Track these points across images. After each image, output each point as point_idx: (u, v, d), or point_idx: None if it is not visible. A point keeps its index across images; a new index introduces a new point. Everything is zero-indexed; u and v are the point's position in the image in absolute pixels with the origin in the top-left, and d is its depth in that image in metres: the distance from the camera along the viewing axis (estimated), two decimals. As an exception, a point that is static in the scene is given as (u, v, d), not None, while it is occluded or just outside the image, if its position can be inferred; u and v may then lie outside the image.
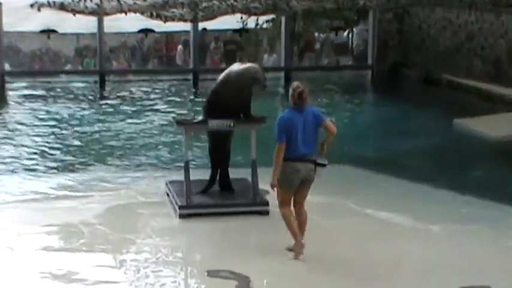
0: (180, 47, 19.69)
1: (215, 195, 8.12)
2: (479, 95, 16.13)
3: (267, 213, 7.64)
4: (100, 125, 13.37)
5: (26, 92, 16.64)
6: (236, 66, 7.79)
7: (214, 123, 7.80)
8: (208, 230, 7.48)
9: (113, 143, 12.00)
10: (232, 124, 7.76)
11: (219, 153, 8.18)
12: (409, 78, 18.97)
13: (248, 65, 7.78)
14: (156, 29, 19.41)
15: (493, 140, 11.98)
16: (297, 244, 6.55)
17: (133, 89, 17.44)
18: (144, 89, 17.48)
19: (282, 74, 18.85)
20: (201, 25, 18.32)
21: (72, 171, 10.03)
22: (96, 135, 12.53)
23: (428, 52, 19.30)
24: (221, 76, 7.84)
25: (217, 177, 8.24)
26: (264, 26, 20.85)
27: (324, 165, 6.50)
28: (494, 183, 9.42)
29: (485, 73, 17.37)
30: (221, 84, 7.79)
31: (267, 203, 7.70)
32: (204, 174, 8.45)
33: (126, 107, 15.25)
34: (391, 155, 11.18)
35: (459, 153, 11.36)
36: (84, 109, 15.00)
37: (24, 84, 17.34)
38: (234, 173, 8.43)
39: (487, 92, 16.00)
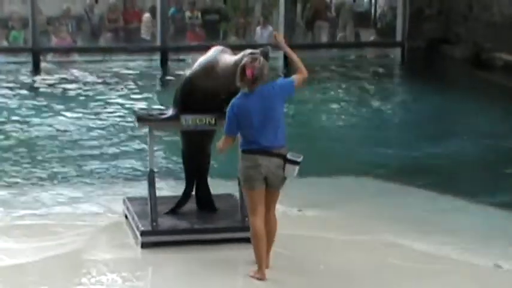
0: (147, 15, 19.67)
1: (190, 217, 8.07)
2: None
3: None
4: (31, 122, 13.33)
5: None
6: (226, 55, 7.69)
7: (189, 120, 7.75)
8: (181, 264, 7.43)
9: (50, 146, 11.97)
10: (213, 121, 7.72)
11: (196, 160, 8.16)
12: (452, 59, 19.03)
13: (242, 54, 7.60)
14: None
15: None
16: (259, 272, 6.90)
17: (78, 73, 17.38)
18: (93, 73, 17.44)
19: (281, 53, 18.80)
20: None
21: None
22: (25, 136, 12.50)
23: (478, 24, 19.35)
24: (202, 61, 7.76)
25: (193, 192, 8.22)
26: (257, -12, 20.93)
27: (295, 162, 6.80)
28: None
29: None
30: (201, 73, 7.73)
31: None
32: (176, 188, 8.38)
33: (67, 98, 15.20)
34: (430, 162, 11.23)
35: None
36: (9, 100, 14.92)
37: None
38: (216, 187, 8.35)
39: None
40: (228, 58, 7.66)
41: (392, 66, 19.36)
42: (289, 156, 6.81)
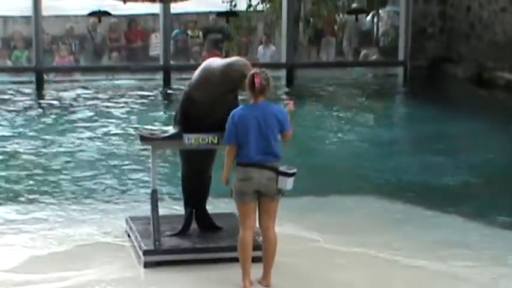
0: (156, 34, 19.71)
1: (193, 236, 8.08)
2: (550, 100, 16.23)
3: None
4: (34, 140, 13.37)
5: None
6: (216, 61, 7.79)
7: (191, 139, 7.76)
8: (184, 284, 7.43)
9: (54, 165, 11.99)
10: (216, 140, 7.74)
11: (196, 182, 8.12)
12: (455, 78, 19.05)
13: (233, 58, 7.80)
14: (113, 12, 19.47)
15: None
16: (242, 281, 7.02)
17: (81, 92, 17.43)
18: (96, 92, 17.48)
19: (283, 72, 18.90)
20: (174, 7, 18.42)
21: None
22: (29, 155, 12.51)
23: (481, 43, 19.39)
24: (197, 74, 7.81)
25: (193, 217, 8.21)
26: (259, 7, 20.96)
27: (287, 174, 6.87)
28: None
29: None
30: (197, 85, 7.76)
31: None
32: (180, 206, 8.40)
33: (71, 116, 15.25)
34: (433, 182, 11.20)
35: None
36: (13, 120, 14.99)
37: None
38: (217, 206, 8.34)
39: None
40: (221, 60, 7.75)
41: (395, 86, 19.36)
42: (281, 168, 6.89)
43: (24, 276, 7.54)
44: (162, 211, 8.08)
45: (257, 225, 7.17)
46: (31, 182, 11.10)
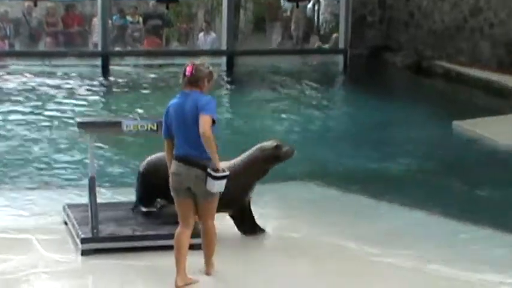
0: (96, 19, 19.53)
1: (132, 223, 8.03)
2: (487, 88, 16.50)
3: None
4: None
5: None
6: None
7: (130, 125, 7.77)
8: (121, 272, 7.36)
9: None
10: (154, 127, 7.74)
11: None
12: (394, 66, 19.26)
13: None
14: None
15: (504, 148, 12.24)
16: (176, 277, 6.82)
17: (16, 79, 17.22)
18: (32, 78, 17.30)
19: (224, 59, 18.92)
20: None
21: None
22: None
23: (419, 32, 19.63)
24: None
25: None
26: (199, -7, 20.93)
27: (216, 177, 6.54)
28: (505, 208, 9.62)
29: (495, 59, 17.75)
30: None
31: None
32: (119, 194, 8.33)
33: (5, 104, 15.07)
34: (371, 168, 11.32)
35: (459, 166, 11.56)
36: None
37: None
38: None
39: (498, 85, 16.39)
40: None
41: (335, 74, 19.49)
42: (209, 170, 6.56)
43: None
44: (101, 199, 8.04)
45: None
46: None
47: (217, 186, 6.61)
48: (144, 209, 8.28)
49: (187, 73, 6.70)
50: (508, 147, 12.25)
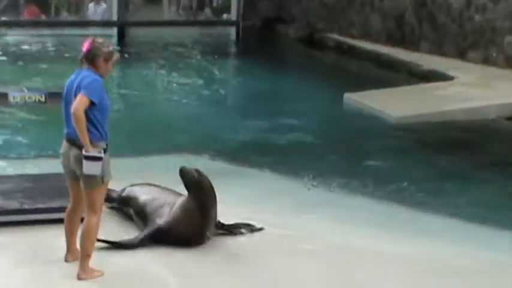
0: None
1: (20, 197, 7.87)
2: (377, 61, 16.81)
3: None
4: None
5: None
6: None
7: (17, 97, 7.65)
8: (7, 246, 7.22)
9: None
10: (43, 98, 7.63)
11: None
12: (286, 39, 19.42)
13: None
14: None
15: (393, 121, 12.52)
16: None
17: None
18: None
19: (115, 30, 18.73)
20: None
21: None
22: None
23: (311, 4, 19.82)
24: None
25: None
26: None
27: (89, 158, 6.18)
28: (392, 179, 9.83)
29: (385, 33, 18.08)
30: None
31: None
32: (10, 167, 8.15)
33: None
34: (259, 141, 11.41)
35: (349, 139, 11.76)
36: None
37: None
38: (44, 167, 8.23)
39: (388, 58, 16.71)
40: None
41: (227, 45, 19.53)
42: (84, 151, 6.17)
43: None
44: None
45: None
46: None
47: (92, 168, 6.20)
48: None
49: (84, 49, 6.38)
50: (397, 119, 12.53)
